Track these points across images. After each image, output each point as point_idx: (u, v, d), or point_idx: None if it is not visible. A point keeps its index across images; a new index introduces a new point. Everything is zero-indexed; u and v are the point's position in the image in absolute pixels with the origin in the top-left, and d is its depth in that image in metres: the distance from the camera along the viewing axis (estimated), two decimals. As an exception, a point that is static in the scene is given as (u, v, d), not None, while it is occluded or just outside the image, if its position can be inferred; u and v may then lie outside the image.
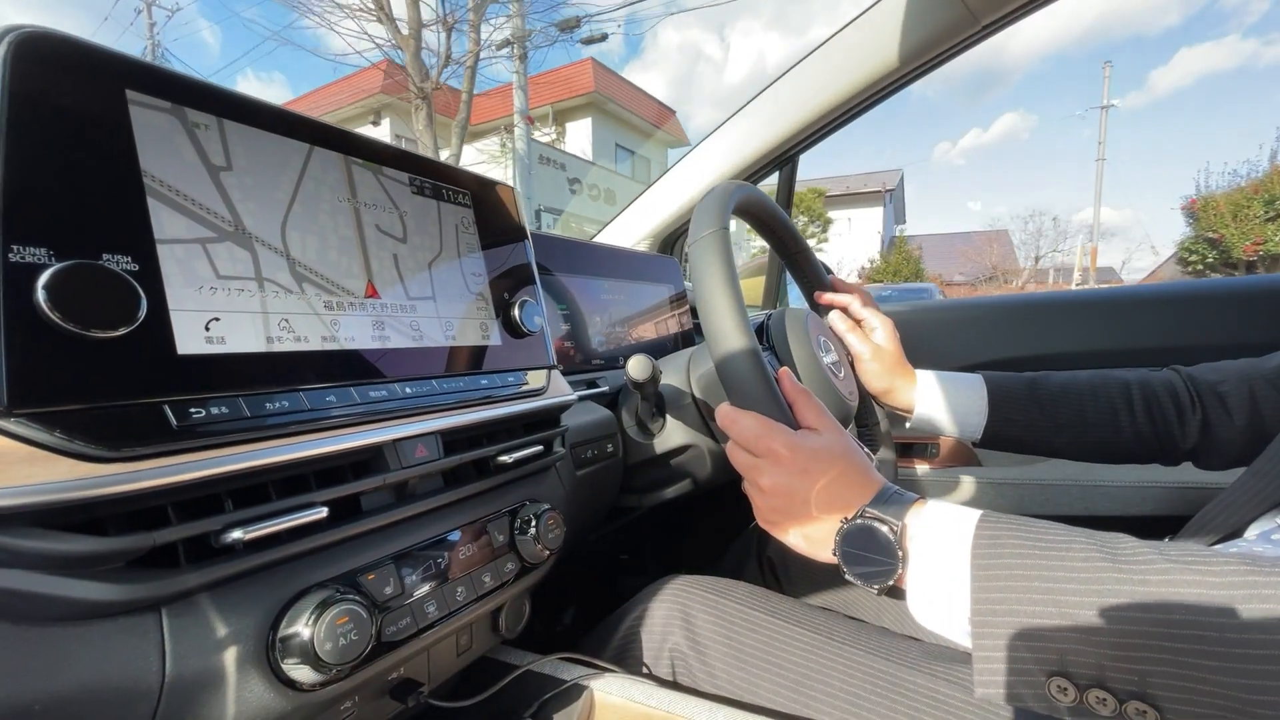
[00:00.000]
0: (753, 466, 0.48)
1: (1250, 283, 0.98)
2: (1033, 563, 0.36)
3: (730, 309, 0.48)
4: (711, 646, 0.53)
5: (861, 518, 0.43)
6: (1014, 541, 0.37)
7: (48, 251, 0.27)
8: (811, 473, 0.46)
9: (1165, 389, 0.67)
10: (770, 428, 0.47)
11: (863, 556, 0.42)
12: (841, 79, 0.99)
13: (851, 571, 0.43)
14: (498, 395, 0.50)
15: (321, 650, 0.32)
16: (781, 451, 0.46)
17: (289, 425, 0.34)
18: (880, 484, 0.46)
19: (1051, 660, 0.34)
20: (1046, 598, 0.35)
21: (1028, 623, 0.35)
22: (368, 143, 0.44)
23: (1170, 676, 0.31)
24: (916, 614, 0.41)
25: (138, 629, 0.29)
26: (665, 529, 1.06)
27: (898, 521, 0.42)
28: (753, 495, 0.49)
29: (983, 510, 0.41)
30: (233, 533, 0.31)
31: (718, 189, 0.55)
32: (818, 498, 0.45)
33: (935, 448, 1.12)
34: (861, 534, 0.43)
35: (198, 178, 0.34)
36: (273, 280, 0.36)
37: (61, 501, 0.26)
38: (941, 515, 0.42)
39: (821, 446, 0.47)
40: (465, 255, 0.51)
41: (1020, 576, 0.36)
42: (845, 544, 0.43)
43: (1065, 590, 0.34)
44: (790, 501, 0.46)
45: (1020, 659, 0.35)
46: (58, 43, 0.29)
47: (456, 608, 0.43)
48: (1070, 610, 0.34)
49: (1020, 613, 0.35)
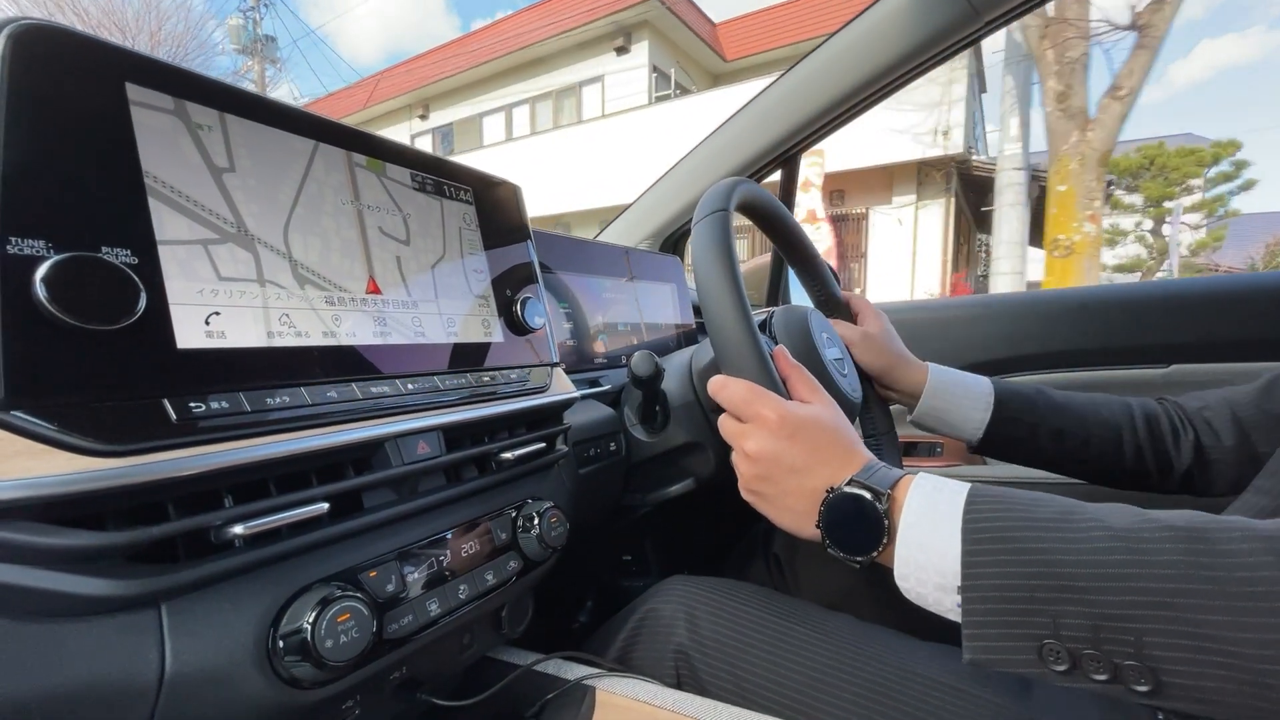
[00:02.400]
0: (740, 432, 0.48)
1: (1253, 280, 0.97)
2: (1025, 528, 0.36)
3: (726, 283, 0.49)
4: (716, 648, 0.53)
5: (848, 486, 0.42)
6: (1005, 507, 0.37)
7: (46, 244, 0.27)
8: (798, 439, 0.45)
9: (1159, 412, 0.68)
10: (758, 393, 0.47)
11: (846, 528, 0.42)
12: (842, 76, 0.99)
13: (834, 543, 0.42)
14: (500, 392, 0.49)
15: (322, 648, 0.32)
16: (769, 416, 0.46)
17: (289, 420, 0.34)
18: (868, 458, 0.45)
19: (1044, 625, 0.34)
20: (1038, 559, 0.34)
21: (1019, 585, 0.34)
22: (371, 139, 0.44)
23: (1168, 635, 0.31)
24: (904, 586, 0.41)
25: (137, 625, 0.29)
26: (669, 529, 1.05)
27: (885, 491, 0.41)
28: (738, 462, 0.49)
29: (973, 484, 0.40)
30: (232, 528, 0.31)
31: (723, 182, 0.56)
32: (803, 465, 0.45)
33: (940, 447, 1.11)
34: (846, 504, 0.42)
35: (200, 179, 0.34)
36: (274, 282, 0.36)
37: (60, 495, 0.25)
38: (931, 487, 0.41)
39: (810, 415, 0.46)
40: (468, 254, 0.51)
41: (1012, 539, 0.35)
42: (829, 514, 0.43)
43: (1058, 552, 0.34)
44: (775, 468, 0.46)
45: (1010, 623, 0.34)
46: (57, 35, 0.29)
47: (458, 606, 0.43)
48: (1063, 571, 0.33)
49: (1012, 575, 0.35)
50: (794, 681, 0.50)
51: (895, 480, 0.42)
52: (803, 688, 0.49)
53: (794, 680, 0.50)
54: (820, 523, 0.43)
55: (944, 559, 0.38)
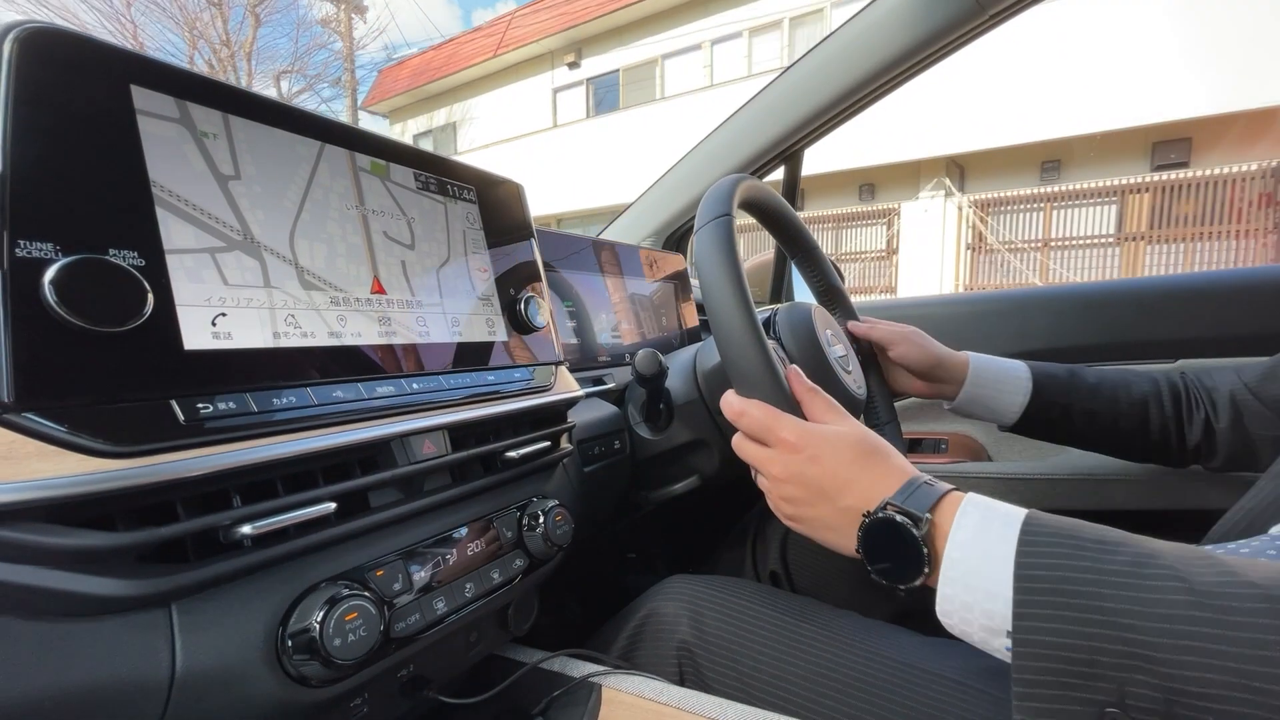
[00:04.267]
0: (763, 457, 0.47)
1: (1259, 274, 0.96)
2: (1089, 580, 0.32)
3: (733, 294, 0.48)
4: (720, 645, 0.53)
5: (883, 511, 0.40)
6: (1067, 551, 0.33)
7: (54, 246, 0.27)
8: (824, 459, 0.44)
9: (1181, 388, 0.71)
10: (777, 416, 0.46)
11: (886, 554, 0.39)
12: (846, 72, 0.98)
13: (875, 569, 0.40)
14: (505, 391, 0.49)
15: (330, 646, 0.32)
16: (790, 439, 0.45)
17: (296, 420, 0.34)
18: (908, 474, 0.42)
19: (1108, 691, 0.30)
20: (1105, 618, 0.30)
21: (1079, 645, 0.31)
22: (373, 138, 0.44)
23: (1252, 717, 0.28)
24: (947, 623, 0.38)
25: (148, 624, 0.29)
26: (673, 527, 1.05)
27: (924, 515, 0.38)
28: (766, 488, 0.48)
29: (1029, 510, 0.37)
30: (241, 528, 0.31)
31: (724, 180, 0.55)
32: (831, 487, 0.43)
33: (945, 443, 1.11)
34: (883, 529, 0.40)
35: (206, 187, 0.34)
36: (281, 289, 0.36)
37: (71, 496, 0.26)
38: (980, 515, 0.37)
39: (832, 434, 0.45)
40: (472, 253, 0.51)
41: (1074, 592, 0.31)
42: (866, 539, 0.41)
43: (1129, 614, 0.30)
44: (803, 491, 0.44)
45: (1068, 685, 0.31)
46: (63, 38, 0.29)
47: (465, 604, 0.43)
48: (1134, 636, 0.30)
49: (1072, 633, 0.31)
50: (798, 678, 0.50)
51: (937, 500, 0.39)
52: (806, 684, 0.49)
53: (798, 677, 0.50)
54: (859, 547, 0.41)
55: (993, 600, 0.34)
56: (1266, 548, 0.37)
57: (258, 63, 11.09)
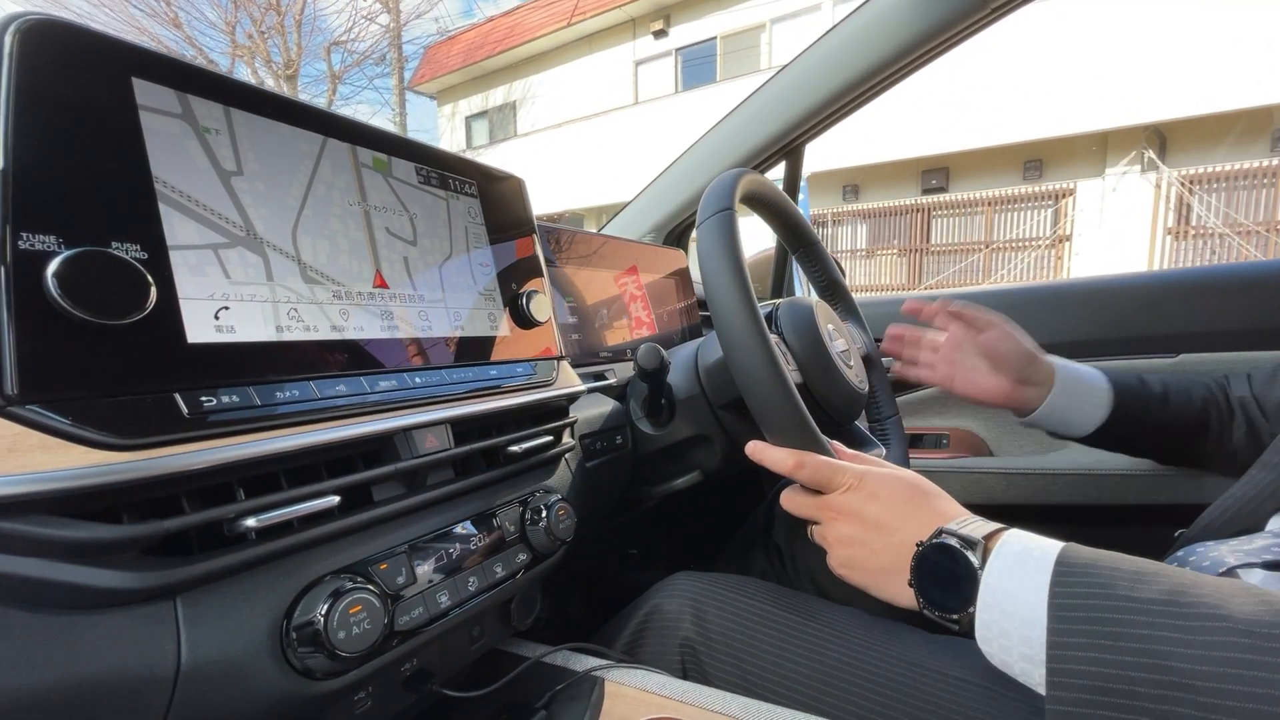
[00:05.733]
0: (819, 504, 0.49)
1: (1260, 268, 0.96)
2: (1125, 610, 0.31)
3: (736, 289, 0.49)
4: (723, 642, 0.53)
5: (939, 538, 0.41)
6: (1101, 583, 0.33)
7: (56, 239, 0.27)
8: (881, 498, 0.46)
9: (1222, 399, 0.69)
10: (834, 466, 0.48)
11: (937, 583, 0.40)
12: (847, 66, 0.98)
13: (927, 602, 0.40)
14: (507, 386, 0.49)
15: (334, 639, 0.32)
16: (849, 480, 0.47)
17: (299, 414, 0.34)
18: (961, 512, 0.44)
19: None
20: (1143, 648, 0.30)
21: (1116, 676, 0.30)
22: (376, 132, 0.44)
23: None
24: (987, 650, 0.38)
25: (153, 617, 0.29)
26: (675, 523, 1.05)
27: (979, 540, 0.39)
28: (824, 533, 0.50)
29: (1066, 543, 0.37)
30: (245, 520, 0.31)
31: (726, 175, 0.55)
32: (888, 522, 0.45)
33: (946, 438, 1.11)
34: (936, 556, 0.40)
35: (209, 183, 0.34)
36: (283, 284, 0.36)
37: (75, 489, 0.26)
38: (1020, 546, 0.38)
39: (889, 474, 0.48)
40: (474, 249, 0.51)
41: (1110, 622, 0.31)
42: (919, 569, 0.41)
43: (1169, 643, 0.30)
44: (863, 528, 0.46)
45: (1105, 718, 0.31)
46: (64, 30, 0.29)
47: (468, 598, 0.43)
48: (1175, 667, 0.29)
49: (1108, 664, 0.31)
50: (801, 675, 0.50)
51: (991, 531, 0.40)
52: (810, 681, 0.49)
53: (801, 674, 0.50)
54: (912, 579, 0.42)
55: (1030, 628, 0.34)
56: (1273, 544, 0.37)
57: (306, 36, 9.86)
